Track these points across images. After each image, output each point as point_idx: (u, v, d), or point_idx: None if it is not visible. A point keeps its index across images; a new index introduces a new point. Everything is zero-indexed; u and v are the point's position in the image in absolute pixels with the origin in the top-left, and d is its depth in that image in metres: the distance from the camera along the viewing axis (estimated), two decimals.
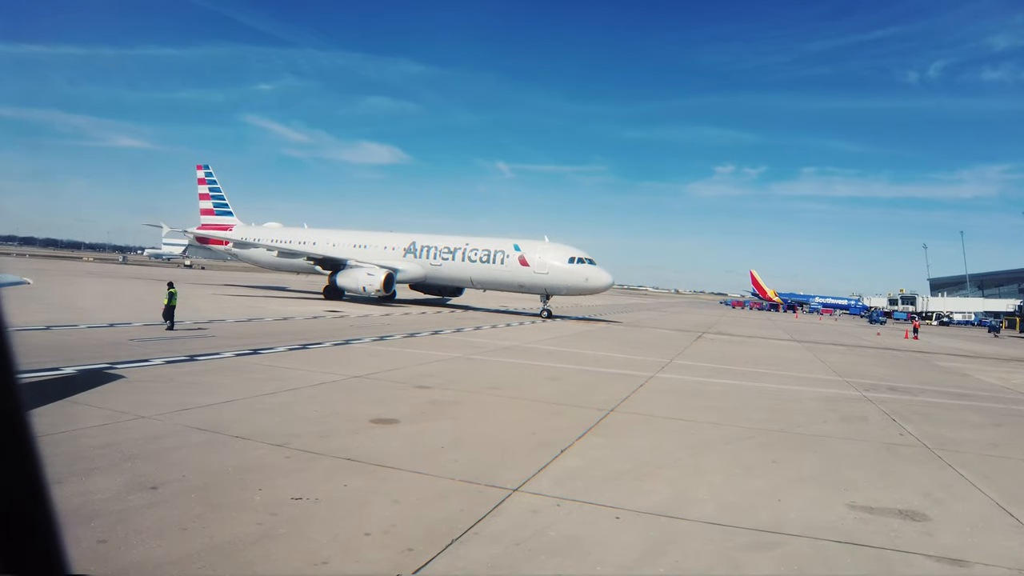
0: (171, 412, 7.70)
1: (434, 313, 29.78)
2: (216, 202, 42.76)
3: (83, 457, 5.77)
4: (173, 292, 16.51)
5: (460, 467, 6.49)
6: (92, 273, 46.71)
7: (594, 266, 30.54)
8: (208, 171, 43.24)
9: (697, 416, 10.38)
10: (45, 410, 7.40)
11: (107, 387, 8.96)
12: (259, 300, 29.11)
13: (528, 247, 31.53)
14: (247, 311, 22.88)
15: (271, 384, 9.95)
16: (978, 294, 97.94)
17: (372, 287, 31.35)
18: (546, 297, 32.15)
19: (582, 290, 31.16)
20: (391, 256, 34.40)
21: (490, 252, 32.01)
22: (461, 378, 12.12)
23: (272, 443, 6.75)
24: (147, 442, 6.42)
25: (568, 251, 31.00)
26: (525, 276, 31.24)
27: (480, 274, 32.66)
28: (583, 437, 8.23)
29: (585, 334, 24.89)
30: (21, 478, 1.23)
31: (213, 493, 5.20)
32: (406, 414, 8.69)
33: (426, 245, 33.99)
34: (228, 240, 39.49)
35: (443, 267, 33.56)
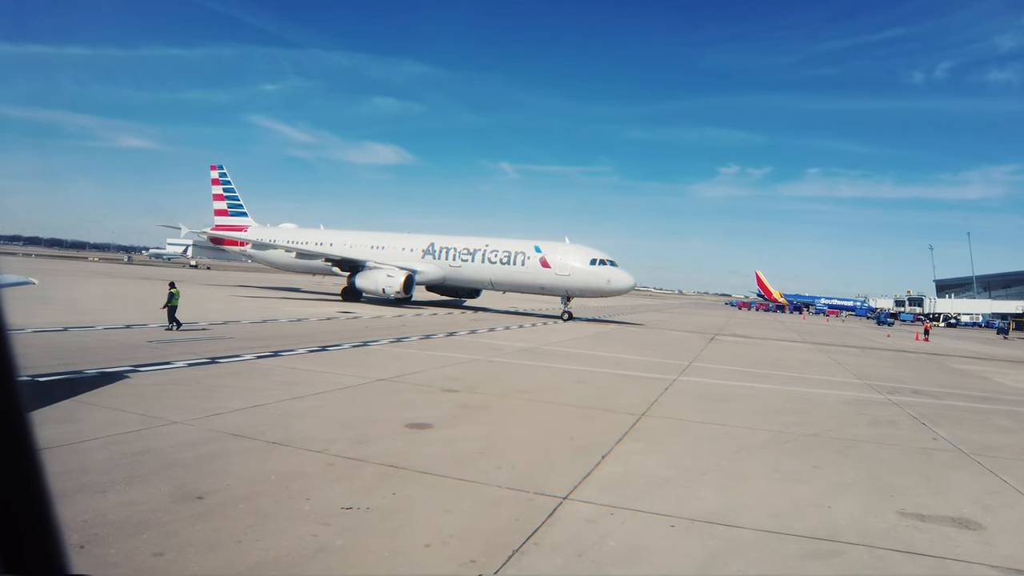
0: (204, 417, 7.58)
1: (446, 314, 29.65)
2: (231, 203, 42.44)
3: (121, 464, 5.66)
4: (174, 292, 16.42)
5: (505, 474, 6.38)
6: (101, 273, 46.63)
7: (616, 268, 30.24)
8: (222, 171, 42.90)
9: (728, 420, 10.28)
10: (74, 414, 7.31)
11: (133, 390, 8.86)
12: (273, 301, 28.98)
13: (549, 249, 31.24)
14: (261, 312, 22.78)
15: (298, 388, 9.84)
16: (985, 296, 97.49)
17: (392, 289, 31.11)
18: (567, 299, 31.84)
19: (604, 292, 30.85)
20: (409, 257, 34.13)
21: (510, 254, 31.72)
22: (487, 381, 12.00)
23: (311, 449, 6.64)
24: (185, 449, 6.30)
25: (590, 253, 30.69)
26: (546, 278, 30.96)
27: (500, 276, 32.35)
28: (620, 442, 8.12)
29: (599, 336, 24.76)
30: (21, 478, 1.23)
31: (260, 502, 5.08)
32: (439, 419, 8.57)
33: (445, 246, 33.69)
34: (244, 241, 39.16)
35: (462, 269, 33.26)
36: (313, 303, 30.71)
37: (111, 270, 54.06)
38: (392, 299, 31.88)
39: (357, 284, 32.56)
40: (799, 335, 37.27)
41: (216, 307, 24.56)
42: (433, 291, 36.05)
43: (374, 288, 31.65)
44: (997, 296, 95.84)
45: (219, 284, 41.27)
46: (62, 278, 36.07)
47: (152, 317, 18.22)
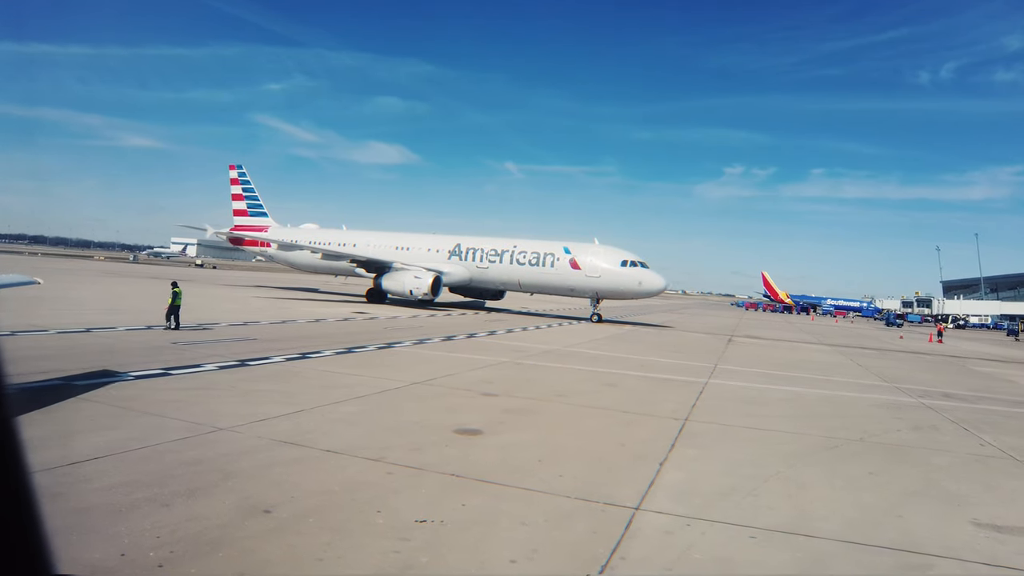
0: (248, 423, 7.40)
1: (459, 315, 29.41)
2: (250, 203, 41.79)
3: (177, 475, 5.47)
4: (177, 292, 16.24)
5: (568, 483, 6.21)
6: (110, 273, 46.39)
7: (647, 269, 29.84)
8: (241, 171, 42.15)
9: (771, 425, 10.12)
10: (117, 420, 7.14)
11: (170, 395, 8.68)
12: (289, 302, 28.73)
13: (579, 250, 30.81)
14: (278, 313, 22.58)
15: (336, 392, 9.66)
16: (992, 297, 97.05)
17: (419, 290, 30.68)
18: (596, 301, 31.48)
19: (635, 294, 30.45)
20: (435, 258, 33.66)
21: (539, 255, 31.30)
22: (521, 385, 11.82)
23: (366, 457, 6.46)
24: (238, 458, 6.12)
25: (620, 254, 30.26)
26: (576, 279, 30.48)
27: (529, 277, 31.86)
28: (674, 448, 7.96)
29: (616, 337, 24.55)
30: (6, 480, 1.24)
31: (331, 516, 4.90)
32: (486, 424, 8.40)
33: (472, 247, 33.26)
34: (264, 241, 38.58)
35: (489, 270, 32.83)
36: (328, 304, 30.48)
37: (119, 269, 53.93)
38: (418, 300, 31.50)
39: (383, 285, 32.11)
40: (813, 336, 37.04)
41: (231, 307, 24.42)
42: (456, 292, 35.49)
43: (401, 289, 31.24)
44: (1005, 297, 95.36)
45: (231, 284, 41.10)
46: (74, 278, 35.88)
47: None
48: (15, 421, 1.28)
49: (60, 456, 5.65)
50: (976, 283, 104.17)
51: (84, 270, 48.59)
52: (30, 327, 14.20)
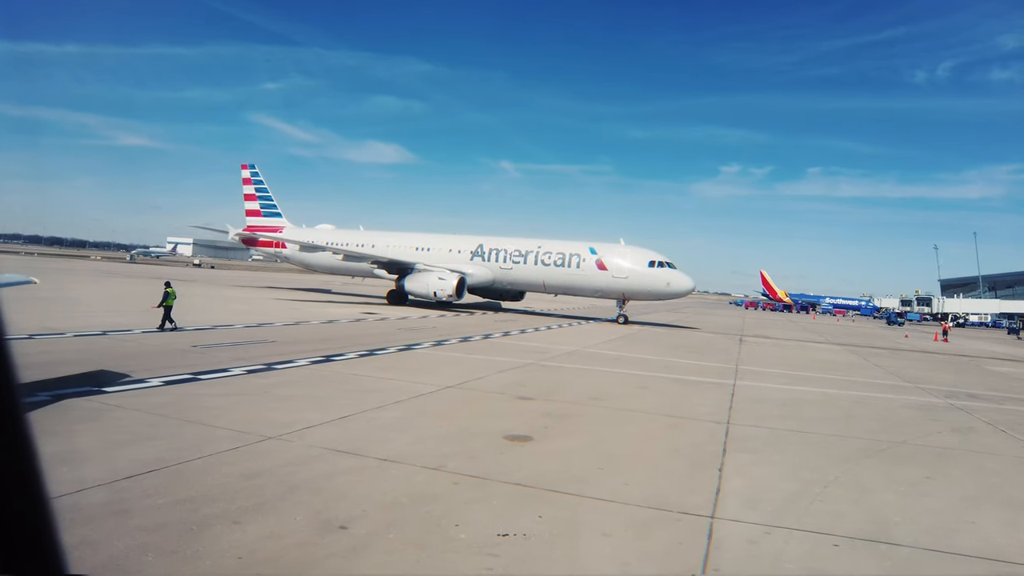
0: (296, 431, 7.20)
1: (468, 316, 29.11)
2: (263, 203, 41.13)
3: (239, 489, 5.27)
4: (170, 292, 15.99)
5: (635, 492, 6.08)
6: (110, 273, 45.74)
7: (675, 270, 29.46)
8: (254, 171, 41.40)
9: (811, 428, 10.01)
10: (161, 430, 6.91)
11: (207, 401, 8.45)
12: (299, 304, 28.37)
13: (605, 250, 30.45)
14: (289, 314, 22.24)
15: (372, 397, 9.47)
16: (990, 295, 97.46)
17: (444, 292, 30.21)
18: (623, 302, 31.19)
19: (663, 295, 30.10)
20: (457, 259, 33.15)
21: (564, 256, 30.86)
22: (554, 388, 11.65)
23: (425, 466, 6.27)
24: (296, 469, 5.91)
25: (647, 254, 29.86)
26: (602, 281, 30.07)
27: (554, 278, 31.41)
28: (727, 454, 7.83)
29: (629, 338, 24.39)
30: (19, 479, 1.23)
31: (410, 531, 4.71)
32: (533, 430, 8.24)
33: (495, 248, 32.75)
34: (280, 241, 37.81)
35: (513, 271, 32.30)
36: (339, 305, 30.09)
37: (119, 269, 53.33)
38: (443, 302, 31.06)
39: (406, 287, 31.61)
40: (820, 336, 36.99)
41: (241, 308, 24.15)
42: (476, 294, 34.83)
43: (424, 291, 30.76)
44: (1003, 296, 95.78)
45: (236, 285, 40.59)
46: (76, 278, 35.46)
47: (186, 320, 17.76)
48: (26, 419, 1.25)
49: (113, 469, 5.44)
50: (974, 281, 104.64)
51: (84, 270, 48.05)
52: (47, 330, 13.92)
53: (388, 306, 31.42)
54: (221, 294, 31.88)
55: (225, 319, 19.15)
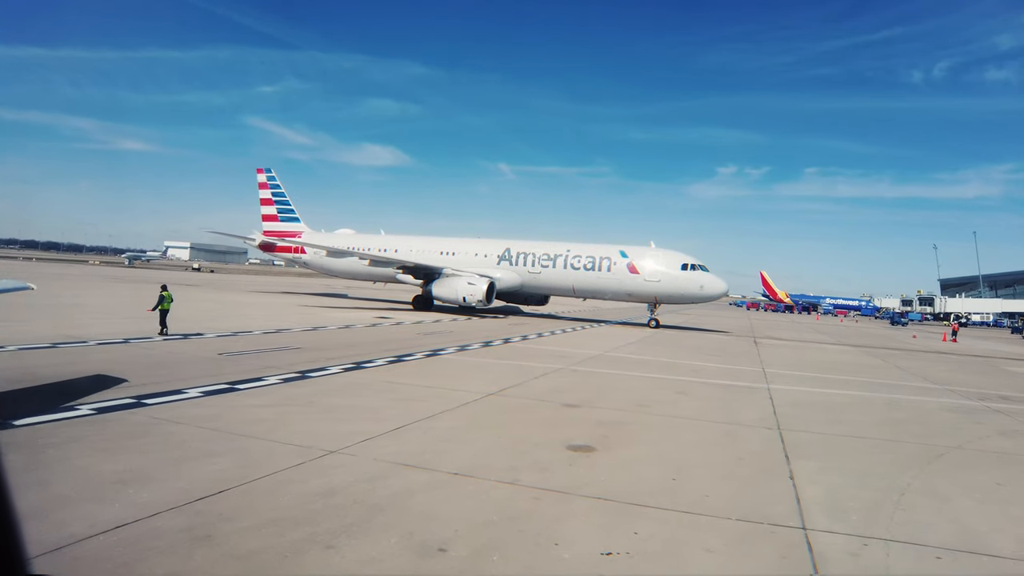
0: (355, 444, 7.00)
1: (479, 320, 28.80)
2: (281, 207, 40.36)
3: (319, 510, 5.05)
4: (165, 295, 15.77)
5: (719, 503, 5.94)
6: (112, 278, 45.13)
7: (708, 273, 29.03)
8: (271, 175, 40.63)
9: (862, 432, 9.96)
10: (220, 444, 6.68)
11: (256, 413, 8.23)
12: (317, 310, 28.10)
13: (636, 253, 29.99)
14: (303, 319, 21.93)
15: (419, 406, 9.28)
16: (990, 295, 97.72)
17: (474, 297, 29.55)
18: (654, 306, 30.77)
19: (696, 298, 29.84)
20: (484, 263, 32.56)
21: (595, 259, 30.40)
22: (595, 394, 11.48)
23: (500, 480, 6.09)
24: (372, 486, 5.70)
25: (680, 257, 29.42)
26: (634, 284, 29.63)
27: (584, 282, 30.87)
28: (791, 461, 7.71)
29: (646, 340, 24.23)
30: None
31: (512, 552, 4.53)
32: (593, 439, 8.08)
33: (523, 252, 32.19)
34: (298, 247, 37.15)
35: (542, 275, 31.69)
36: (350, 310, 29.75)
37: (121, 274, 52.78)
38: (470, 307, 30.52)
39: (434, 292, 30.96)
40: (830, 337, 36.91)
41: (254, 313, 23.84)
42: (501, 298, 34.04)
43: (453, 296, 30.16)
44: (1004, 295, 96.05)
45: (245, 290, 40.16)
46: (80, 284, 34.95)
47: (205, 326, 17.49)
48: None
49: (182, 490, 5.20)
50: (973, 281, 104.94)
51: (87, 275, 47.56)
52: (68, 338, 13.65)
53: (401, 311, 31.07)
54: (232, 299, 31.55)
55: (242, 325, 18.89)
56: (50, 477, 5.34)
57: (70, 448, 6.14)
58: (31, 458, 5.77)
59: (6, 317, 16.59)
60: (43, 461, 5.72)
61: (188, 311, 23.15)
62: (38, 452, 5.95)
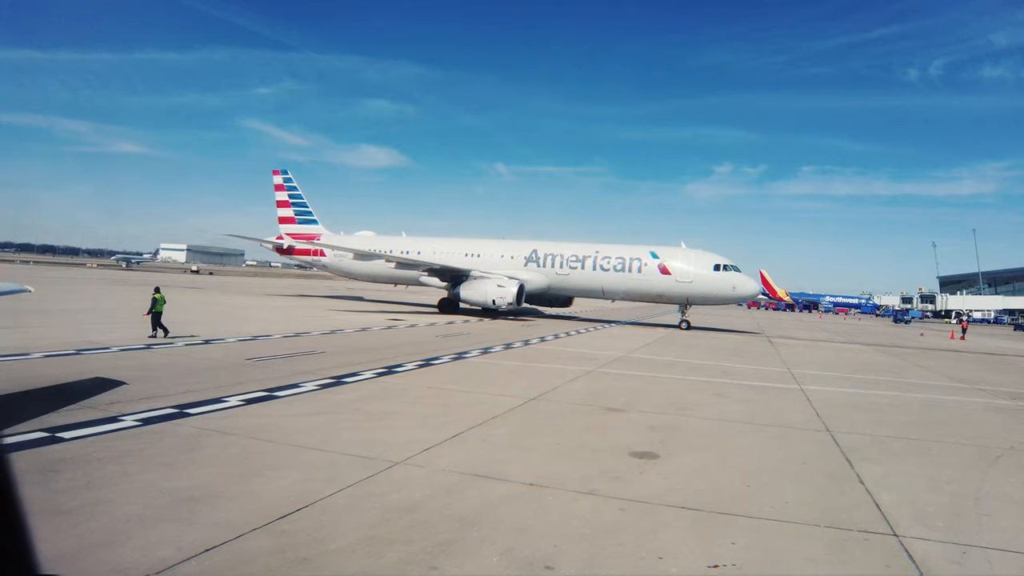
0: (417, 454, 6.83)
1: (489, 322, 28.57)
2: (298, 210, 39.68)
3: (407, 527, 4.85)
4: (158, 298, 15.57)
5: (801, 510, 5.81)
6: (118, 281, 44.52)
7: (740, 273, 28.87)
8: (287, 176, 39.94)
9: (910, 433, 9.92)
10: (280, 458, 6.44)
11: (305, 422, 8.02)
12: (330, 313, 27.84)
13: (667, 254, 29.67)
14: (318, 323, 21.70)
15: (466, 412, 9.17)
16: (990, 292, 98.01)
17: (504, 299, 29.04)
18: (685, 307, 30.59)
19: (729, 299, 29.65)
20: (510, 265, 32.00)
21: (625, 260, 30.04)
22: (635, 398, 11.35)
23: (578, 490, 5.95)
24: (451, 500, 5.52)
25: (712, 257, 29.16)
26: (665, 285, 29.35)
27: (614, 284, 30.53)
28: (854, 465, 7.59)
29: (664, 340, 24.10)
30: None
31: (620, 568, 4.41)
32: (651, 444, 7.99)
33: (550, 253, 31.76)
34: (317, 249, 36.61)
35: (571, 276, 31.27)
36: (363, 313, 29.46)
37: (122, 277, 52.24)
38: (503, 311, 30.17)
39: (462, 295, 30.34)
40: (841, 335, 36.85)
41: (268, 317, 23.61)
42: (528, 300, 33.13)
43: (482, 299, 29.64)
44: (1003, 292, 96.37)
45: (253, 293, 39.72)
46: (84, 287, 34.48)
47: (224, 331, 17.23)
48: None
49: (257, 508, 4.99)
50: (972, 278, 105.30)
51: (87, 279, 47.11)
52: (90, 344, 13.42)
53: (414, 314, 30.79)
54: (244, 303, 31.31)
55: (260, 329, 18.66)
56: (115, 495, 5.12)
57: (128, 463, 5.92)
58: (91, 474, 5.55)
59: (24, 324, 16.32)
60: (104, 477, 5.49)
61: (203, 315, 22.96)
62: (96, 468, 5.73)
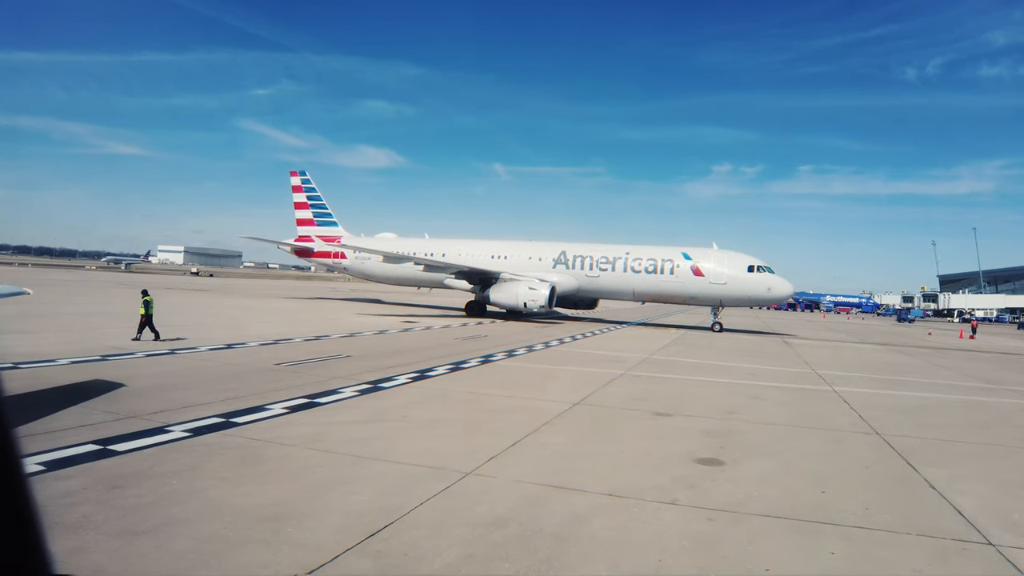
0: (485, 464, 6.71)
1: (490, 323, 28.36)
2: (317, 211, 39.23)
3: (502, 543, 4.63)
4: (148, 300, 15.40)
5: (886, 517, 5.68)
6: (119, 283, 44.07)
7: (774, 275, 28.70)
8: (305, 177, 39.51)
9: (960, 436, 9.88)
10: (341, 471, 6.23)
11: (351, 431, 7.78)
12: (346, 315, 27.58)
13: (699, 255, 29.47)
14: (333, 325, 21.47)
15: (515, 417, 9.07)
16: (990, 290, 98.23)
17: (536, 302, 28.70)
18: (717, 309, 30.49)
19: (763, 301, 29.57)
20: (538, 267, 31.73)
21: (656, 262, 29.76)
22: (677, 402, 11.25)
23: (660, 500, 5.86)
24: (537, 513, 5.30)
25: (746, 259, 29.01)
26: (698, 287, 29.17)
27: (645, 286, 30.28)
28: (918, 469, 7.47)
29: (679, 341, 24.02)
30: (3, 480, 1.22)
31: None
32: (713, 451, 7.90)
33: (579, 255, 31.51)
34: (338, 252, 36.33)
35: (600, 278, 31.00)
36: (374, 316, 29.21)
37: (122, 279, 51.78)
38: (534, 313, 29.90)
39: (492, 297, 30.01)
40: (851, 335, 36.81)
41: (284, 320, 23.33)
42: None
43: (513, 302, 29.35)
44: (1004, 290, 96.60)
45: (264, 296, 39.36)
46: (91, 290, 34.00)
47: (243, 334, 16.99)
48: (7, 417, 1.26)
49: (345, 527, 4.75)
50: (972, 277, 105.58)
51: (90, 281, 46.70)
52: (113, 350, 13.16)
53: (429, 316, 30.55)
54: (256, 305, 30.97)
55: (279, 332, 18.44)
56: (189, 514, 4.89)
57: (192, 478, 5.70)
58: (157, 491, 5.32)
59: (40, 328, 16.08)
60: (172, 495, 5.26)
61: (218, 319, 22.76)
62: (160, 484, 5.50)
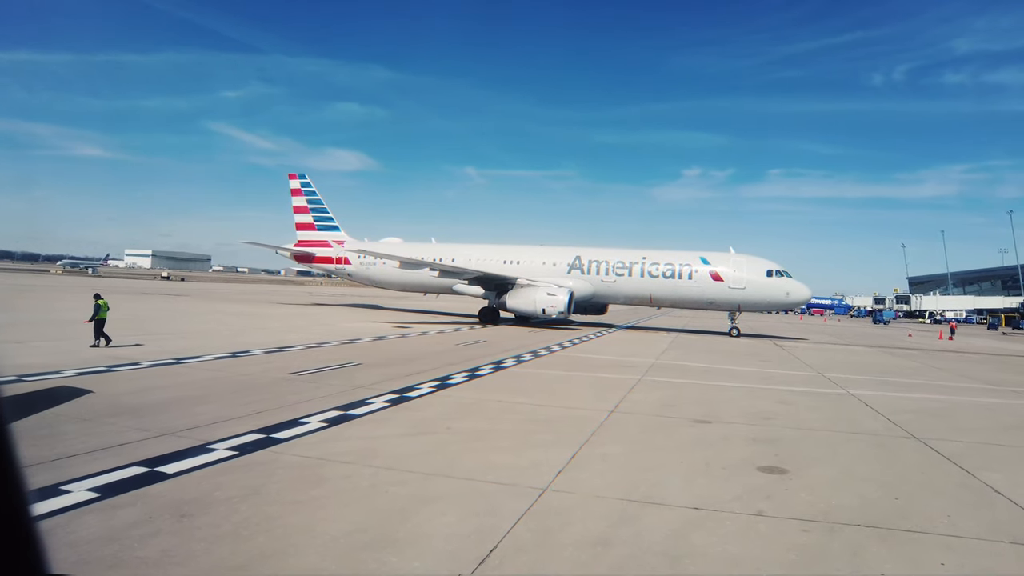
0: (554, 479, 6.49)
1: (492, 328, 28.12)
2: (317, 215, 38.44)
3: (617, 564, 4.49)
4: (101, 304, 15.02)
5: (971, 524, 5.68)
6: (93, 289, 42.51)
7: (792, 279, 28.78)
8: (304, 180, 38.56)
9: (995, 439, 9.97)
10: (418, 489, 5.96)
11: (400, 447, 7.49)
12: (338, 321, 27.02)
13: (718, 260, 29.44)
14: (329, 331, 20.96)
15: (561, 428, 9.02)
16: (958, 291, 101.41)
17: (555, 308, 28.20)
18: (735, 314, 30.51)
19: (782, 305, 29.60)
20: (553, 272, 31.29)
21: (674, 266, 29.66)
22: (708, 408, 11.22)
23: (745, 512, 5.80)
24: (636, 532, 5.11)
25: (764, 263, 29.07)
26: (716, 292, 29.13)
27: (663, 291, 30.11)
28: (975, 473, 7.53)
29: (677, 345, 24.13)
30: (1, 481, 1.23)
31: None
32: (769, 459, 7.85)
33: (594, 260, 31.16)
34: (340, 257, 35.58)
35: (617, 284, 30.71)
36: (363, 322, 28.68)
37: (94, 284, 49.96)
38: (552, 319, 29.52)
39: (508, 303, 29.51)
40: (835, 337, 37.45)
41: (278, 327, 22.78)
42: None
43: (530, 308, 28.85)
44: (970, 292, 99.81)
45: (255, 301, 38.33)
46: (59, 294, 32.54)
47: (242, 341, 16.42)
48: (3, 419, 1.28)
49: (450, 552, 4.49)
50: (940, 278, 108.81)
51: (62, 286, 44.99)
52: (117, 359, 12.63)
53: (432, 324, 30.11)
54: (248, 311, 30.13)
55: (279, 340, 17.99)
56: (278, 544, 4.50)
57: (260, 504, 5.29)
58: (229, 518, 4.89)
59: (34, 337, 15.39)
60: (247, 522, 4.84)
61: (211, 325, 22.15)
62: (230, 509, 5.06)
